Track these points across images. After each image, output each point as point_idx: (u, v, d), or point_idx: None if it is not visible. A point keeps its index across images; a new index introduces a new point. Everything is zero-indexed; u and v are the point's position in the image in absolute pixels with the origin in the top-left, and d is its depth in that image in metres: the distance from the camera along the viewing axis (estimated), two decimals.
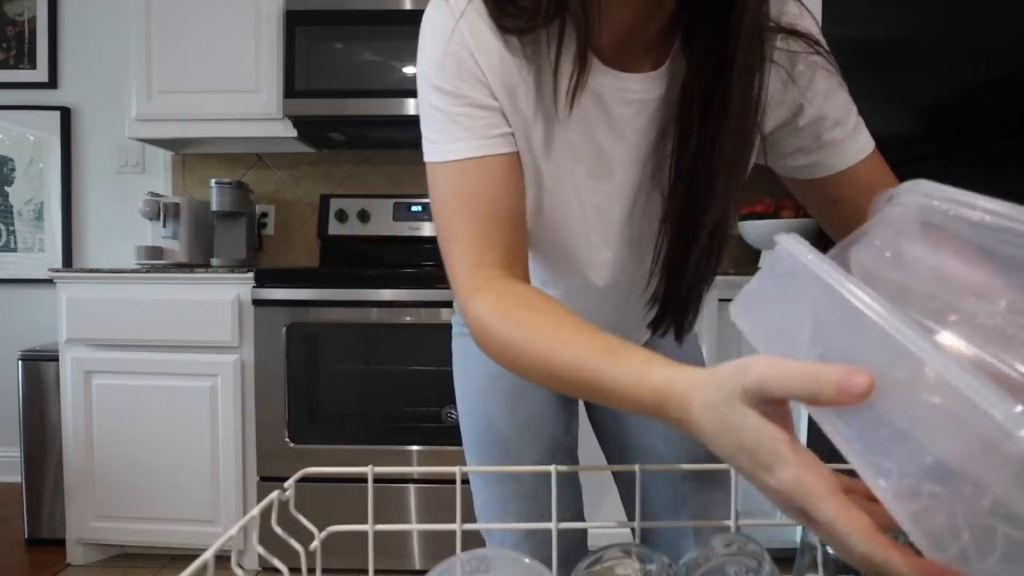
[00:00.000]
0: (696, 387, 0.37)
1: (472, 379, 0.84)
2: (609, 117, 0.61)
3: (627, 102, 0.61)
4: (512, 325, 0.51)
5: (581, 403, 0.89)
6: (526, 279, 0.60)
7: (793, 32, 0.59)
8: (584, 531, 0.79)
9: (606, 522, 0.71)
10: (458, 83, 0.60)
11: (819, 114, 0.62)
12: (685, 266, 0.62)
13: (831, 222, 0.68)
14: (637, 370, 0.42)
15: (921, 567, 0.28)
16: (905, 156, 1.25)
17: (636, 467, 0.54)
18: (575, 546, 0.79)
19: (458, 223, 0.57)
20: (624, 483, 0.84)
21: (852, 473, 0.33)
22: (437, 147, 0.61)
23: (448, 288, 2.02)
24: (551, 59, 0.58)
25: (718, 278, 0.69)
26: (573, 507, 0.82)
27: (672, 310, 0.65)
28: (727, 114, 0.55)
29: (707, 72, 0.56)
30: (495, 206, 0.58)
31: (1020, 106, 1.02)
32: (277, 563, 0.47)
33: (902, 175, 0.70)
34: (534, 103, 0.61)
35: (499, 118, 0.60)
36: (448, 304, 1.83)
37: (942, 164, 1.17)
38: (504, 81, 0.60)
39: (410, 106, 2.04)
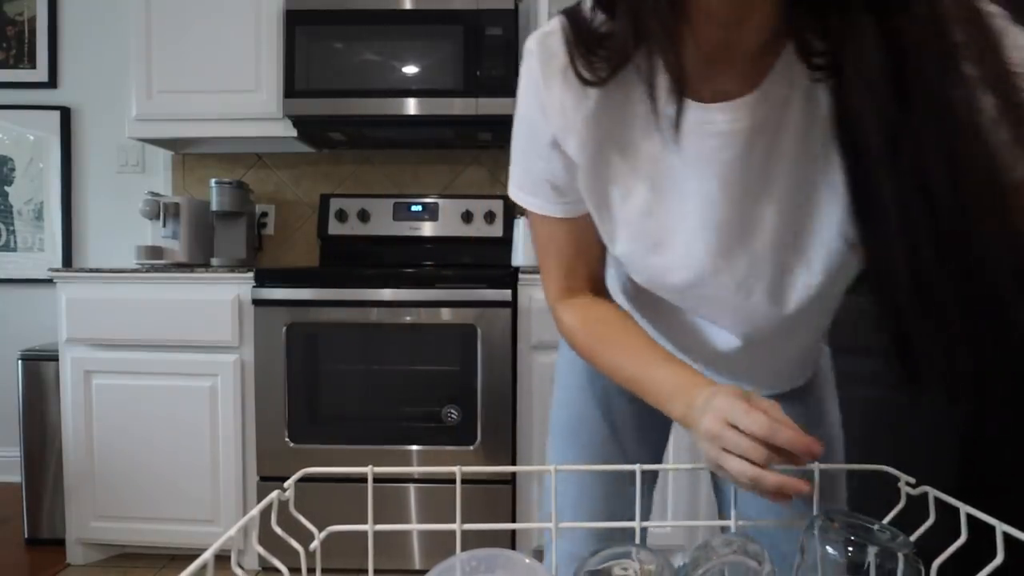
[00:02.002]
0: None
1: (574, 375, 0.86)
2: (685, 154, 0.56)
3: (711, 135, 0.55)
4: (591, 335, 0.67)
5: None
6: (605, 296, 0.72)
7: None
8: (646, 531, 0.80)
9: (611, 523, 0.71)
10: (527, 137, 0.64)
11: None
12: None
13: None
14: (666, 390, 0.60)
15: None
16: None
17: (636, 467, 0.54)
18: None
19: (550, 255, 0.69)
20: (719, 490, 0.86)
21: None
22: (520, 192, 0.68)
23: (448, 288, 2.01)
24: (647, 93, 0.53)
25: None
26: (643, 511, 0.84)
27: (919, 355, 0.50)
28: (926, 121, 0.44)
29: (878, 80, 0.45)
30: (576, 250, 0.68)
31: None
32: (277, 563, 0.47)
33: None
34: (621, 151, 0.59)
35: (571, 194, 0.64)
36: (448, 304, 1.84)
37: None
38: (582, 135, 0.59)
39: (410, 106, 2.04)
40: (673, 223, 0.60)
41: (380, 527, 0.53)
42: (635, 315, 0.74)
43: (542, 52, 0.58)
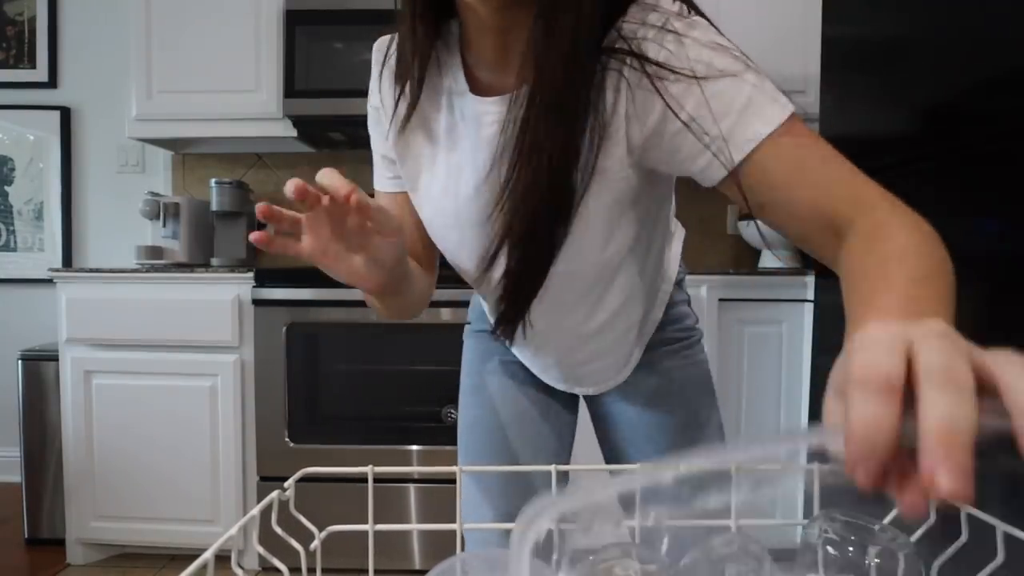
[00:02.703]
0: None
1: (468, 377, 0.93)
2: (476, 141, 0.66)
3: (488, 124, 0.64)
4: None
5: (584, 415, 0.93)
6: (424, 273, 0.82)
7: (631, 54, 0.56)
8: None
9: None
10: (373, 130, 0.84)
11: (691, 115, 0.56)
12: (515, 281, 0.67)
13: (786, 233, 0.58)
14: None
15: None
16: (905, 156, 1.25)
17: (637, 466, 0.54)
18: None
19: None
20: None
21: None
22: (374, 169, 0.86)
23: (448, 288, 2.02)
24: (442, 88, 0.69)
25: (717, 277, 0.70)
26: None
27: (509, 316, 0.70)
28: (537, 132, 0.57)
29: (533, 94, 0.58)
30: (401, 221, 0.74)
31: (1020, 106, 1.02)
32: (277, 563, 0.47)
33: (902, 175, 0.70)
34: (428, 141, 0.72)
35: (390, 166, 0.81)
36: (448, 304, 1.83)
37: (942, 164, 1.17)
38: (406, 134, 0.73)
39: None
40: (460, 201, 0.69)
41: (380, 527, 0.53)
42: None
43: (377, 53, 0.79)
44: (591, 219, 0.63)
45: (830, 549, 0.44)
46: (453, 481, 0.52)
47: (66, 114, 2.54)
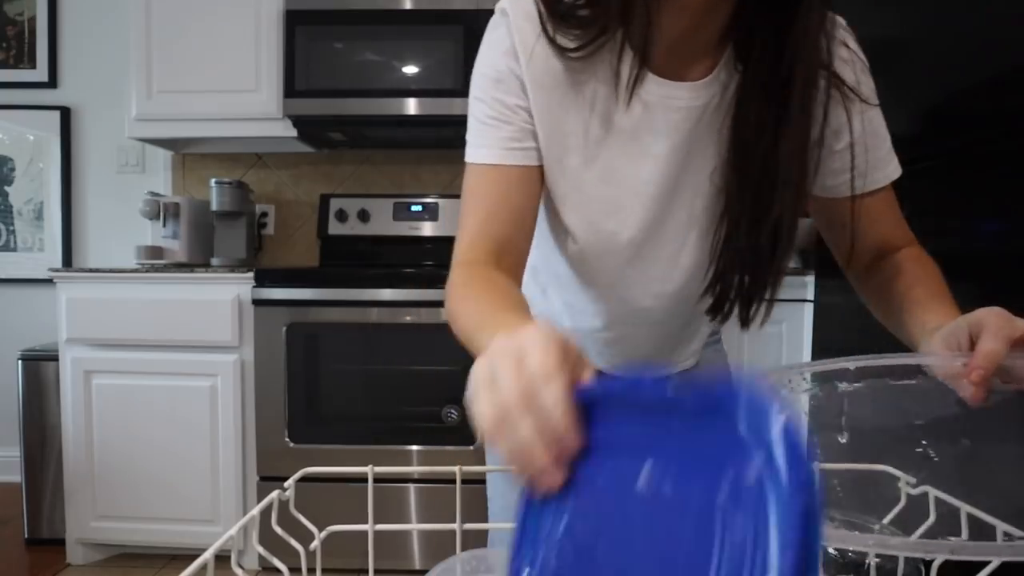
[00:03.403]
0: None
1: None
2: (653, 124, 0.63)
3: (675, 109, 0.63)
4: (460, 294, 0.59)
5: None
6: (510, 272, 0.64)
7: (836, 76, 0.62)
8: None
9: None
10: (497, 94, 0.66)
11: (855, 140, 0.65)
12: (747, 258, 0.65)
13: (831, 242, 0.73)
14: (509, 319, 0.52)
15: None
16: (905, 156, 1.25)
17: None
18: None
19: (467, 213, 0.67)
20: None
21: None
22: (469, 149, 0.69)
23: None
24: (613, 67, 0.61)
25: None
26: None
27: (735, 299, 0.67)
28: (783, 123, 0.58)
29: (762, 82, 0.59)
30: (498, 206, 0.66)
31: (1020, 106, 1.02)
32: (277, 563, 0.47)
33: (902, 175, 0.70)
34: (585, 113, 0.64)
35: (524, 133, 0.65)
36: None
37: (942, 164, 1.17)
38: (548, 102, 0.63)
39: (410, 106, 2.04)
40: (627, 190, 0.66)
41: (380, 527, 0.53)
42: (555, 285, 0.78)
43: (516, 9, 0.63)
44: None
45: (830, 549, 0.44)
46: (453, 481, 0.52)
47: (66, 114, 2.54)
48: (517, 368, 0.33)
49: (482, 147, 0.68)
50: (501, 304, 0.55)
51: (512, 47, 0.63)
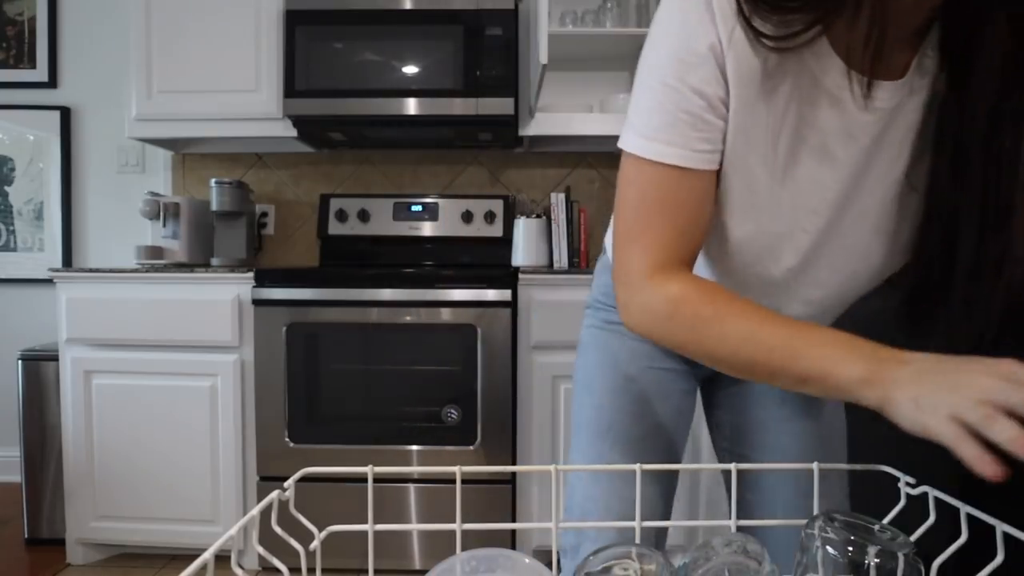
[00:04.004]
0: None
1: (606, 375, 0.84)
2: (847, 127, 0.58)
3: (871, 110, 0.57)
4: (712, 305, 0.57)
5: (699, 406, 0.91)
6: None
7: None
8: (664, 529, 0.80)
9: (610, 523, 0.71)
10: (694, 82, 0.56)
11: None
12: (968, 264, 0.57)
13: None
14: (840, 349, 0.50)
15: None
16: None
17: (637, 467, 0.54)
18: (659, 543, 0.83)
19: (656, 221, 0.59)
20: (746, 484, 0.84)
21: None
22: (647, 143, 0.59)
23: (448, 288, 1.99)
24: (821, 64, 0.55)
25: None
26: (664, 505, 0.83)
27: (948, 309, 0.59)
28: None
29: (994, 68, 0.51)
30: (696, 215, 0.60)
31: None
32: (277, 563, 0.47)
33: None
34: (776, 113, 0.58)
35: (716, 133, 0.58)
36: (448, 304, 1.83)
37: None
38: (745, 96, 0.57)
39: (410, 106, 2.04)
40: (804, 195, 0.61)
41: (380, 527, 0.53)
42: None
43: None
44: None
45: (830, 549, 0.44)
46: (453, 481, 0.52)
47: (66, 114, 2.54)
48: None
49: (669, 144, 0.58)
50: (801, 328, 0.54)
51: (714, 26, 0.54)
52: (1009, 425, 0.40)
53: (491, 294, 1.82)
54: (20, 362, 2.02)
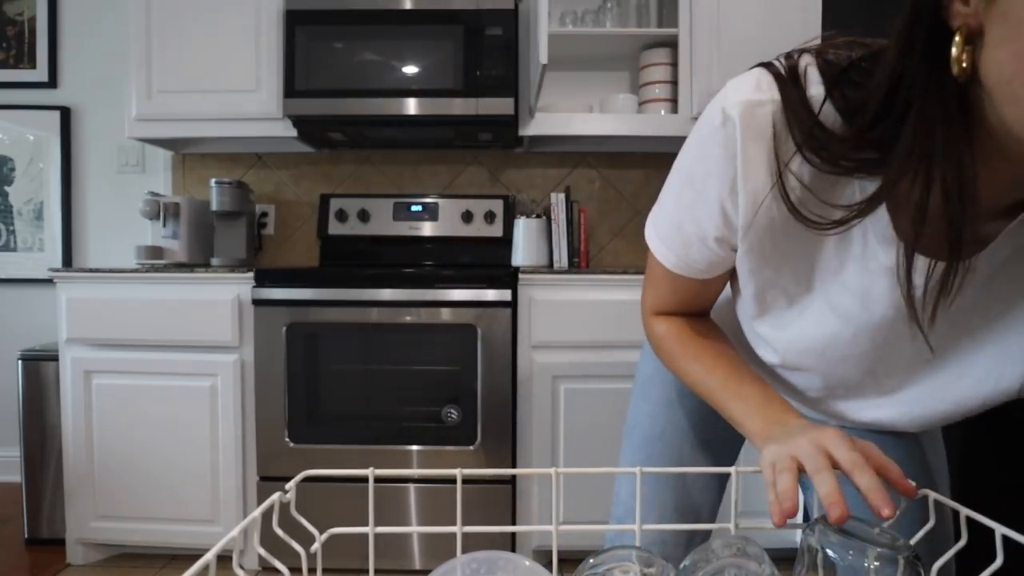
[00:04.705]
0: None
1: (663, 386, 0.87)
2: (868, 293, 0.54)
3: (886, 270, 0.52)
4: (682, 346, 0.67)
5: None
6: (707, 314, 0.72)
7: None
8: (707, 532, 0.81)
9: (609, 526, 0.71)
10: (697, 213, 0.57)
11: None
12: None
13: None
14: (750, 407, 0.59)
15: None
16: None
17: (637, 470, 0.55)
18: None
19: (660, 284, 0.67)
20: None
21: None
22: (654, 234, 0.64)
23: (448, 288, 2.00)
24: (867, 237, 0.50)
25: None
26: (711, 504, 0.86)
27: None
28: None
29: None
30: (694, 298, 0.67)
31: None
32: (278, 564, 0.47)
33: None
34: (805, 265, 0.55)
35: (716, 258, 0.60)
36: (448, 304, 1.84)
37: None
38: (762, 244, 0.55)
39: (410, 106, 2.04)
40: (834, 332, 0.58)
41: (381, 530, 0.53)
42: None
43: (747, 125, 0.49)
44: None
45: (830, 552, 0.44)
46: (453, 481, 0.52)
47: (66, 114, 2.54)
48: (843, 451, 0.47)
49: (669, 249, 0.62)
50: (734, 381, 0.62)
51: (732, 171, 0.51)
52: (791, 478, 0.47)
53: (491, 294, 1.82)
54: (20, 362, 2.02)
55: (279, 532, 0.49)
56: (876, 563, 0.42)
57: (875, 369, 0.60)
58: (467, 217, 2.31)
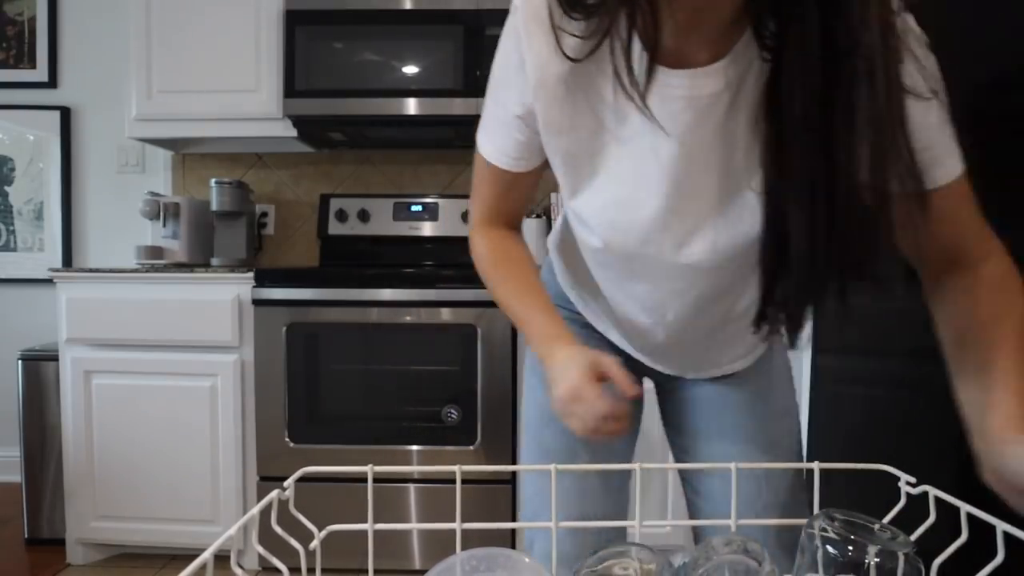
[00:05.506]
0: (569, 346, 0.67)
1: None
2: (659, 118, 0.59)
3: (674, 98, 0.58)
4: (492, 268, 0.79)
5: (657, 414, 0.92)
6: (518, 233, 0.82)
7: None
8: (624, 529, 0.79)
9: (607, 522, 0.71)
10: (501, 98, 0.68)
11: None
12: (798, 261, 0.57)
13: (901, 248, 0.64)
14: (533, 329, 0.73)
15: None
16: None
17: (637, 466, 0.54)
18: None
19: (481, 190, 0.77)
20: (694, 488, 0.85)
21: None
22: (480, 135, 0.73)
23: (448, 288, 2.00)
24: (618, 58, 0.56)
25: None
26: (617, 507, 0.83)
27: (782, 312, 0.61)
28: (853, 106, 0.50)
29: (813, 58, 0.51)
30: (508, 198, 0.78)
31: (1020, 106, 1.02)
32: (277, 563, 0.47)
33: None
34: (594, 114, 0.62)
35: (522, 147, 0.70)
36: (448, 304, 1.83)
37: None
38: (555, 106, 0.63)
39: (410, 106, 2.04)
40: (635, 182, 0.64)
41: (380, 526, 0.53)
42: (572, 277, 0.84)
43: (527, 9, 0.61)
44: None
45: (830, 548, 0.44)
46: (453, 480, 0.52)
47: (66, 114, 2.54)
48: (584, 404, 0.61)
49: (487, 143, 0.73)
50: (535, 303, 0.75)
51: (519, 50, 0.62)
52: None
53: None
54: (20, 362, 2.02)
55: (278, 530, 0.49)
56: (876, 559, 0.42)
57: (676, 208, 0.64)
58: (467, 217, 2.31)
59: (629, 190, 0.64)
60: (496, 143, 0.71)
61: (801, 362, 1.87)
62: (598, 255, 0.73)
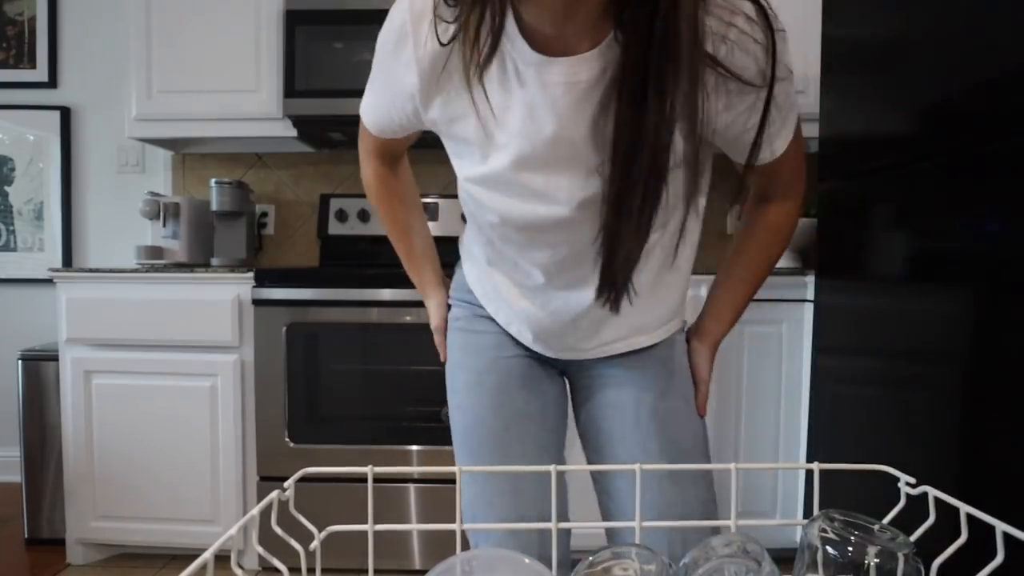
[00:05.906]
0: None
1: (461, 374, 0.88)
2: (535, 101, 0.64)
3: (554, 84, 0.62)
4: (379, 202, 1.00)
5: (570, 407, 0.91)
6: (401, 160, 1.01)
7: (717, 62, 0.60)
8: (569, 533, 0.78)
9: (607, 523, 0.71)
10: (387, 58, 0.74)
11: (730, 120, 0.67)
12: (621, 241, 0.65)
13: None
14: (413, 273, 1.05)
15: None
16: (905, 156, 1.25)
17: (637, 466, 0.54)
18: (562, 550, 0.79)
19: (366, 138, 0.89)
20: (603, 488, 0.83)
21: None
22: (364, 113, 0.84)
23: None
24: (469, 38, 0.60)
25: (708, 277, 0.73)
26: (559, 507, 0.81)
27: (610, 284, 0.69)
28: (660, 96, 0.57)
29: (637, 52, 0.57)
30: (389, 151, 0.93)
31: (1020, 106, 1.02)
32: (277, 563, 0.47)
33: (902, 175, 0.70)
34: (473, 95, 0.66)
35: (404, 119, 0.77)
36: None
37: (942, 164, 1.17)
38: (437, 84, 0.68)
39: None
40: (517, 162, 0.68)
41: (380, 527, 0.53)
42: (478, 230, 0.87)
43: (412, 4, 0.66)
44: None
45: (830, 549, 0.44)
46: (453, 481, 0.52)
47: (66, 114, 2.54)
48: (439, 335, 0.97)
49: (369, 111, 0.82)
50: (412, 250, 1.05)
51: (405, 26, 0.67)
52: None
53: None
54: (20, 362, 2.02)
55: (278, 531, 0.49)
56: (876, 560, 0.42)
57: (555, 173, 0.68)
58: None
59: (511, 172, 0.69)
60: (375, 112, 0.81)
61: (801, 362, 1.87)
62: (497, 229, 0.77)
